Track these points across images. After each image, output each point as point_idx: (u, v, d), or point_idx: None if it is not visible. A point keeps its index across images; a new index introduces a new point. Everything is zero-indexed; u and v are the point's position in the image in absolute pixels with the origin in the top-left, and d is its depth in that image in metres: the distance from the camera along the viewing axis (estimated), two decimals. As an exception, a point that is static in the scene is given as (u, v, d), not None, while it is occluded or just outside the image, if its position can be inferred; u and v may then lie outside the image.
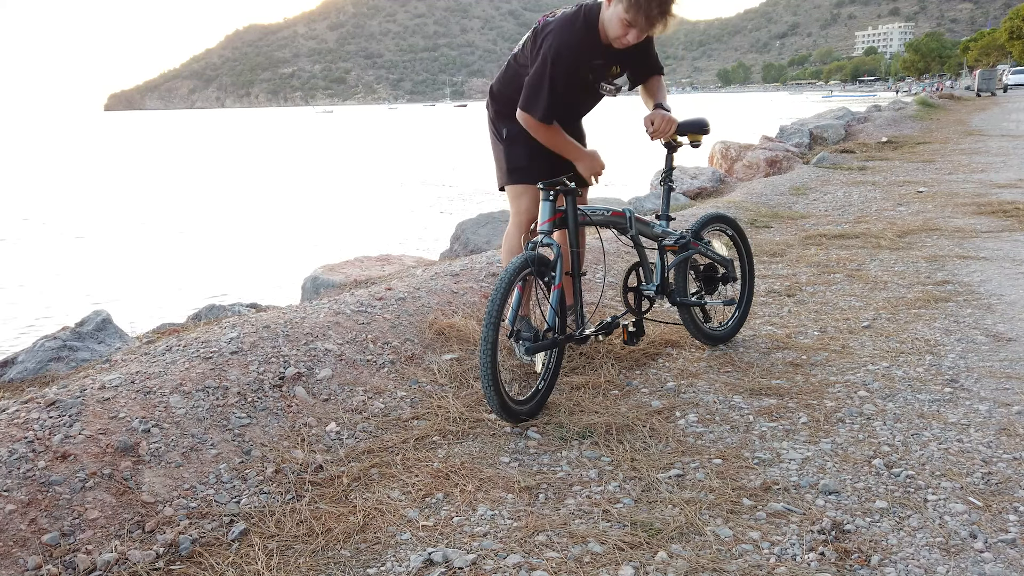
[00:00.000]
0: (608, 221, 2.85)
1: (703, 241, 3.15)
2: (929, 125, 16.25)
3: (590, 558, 1.80)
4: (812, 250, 5.07)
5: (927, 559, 1.76)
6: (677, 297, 3.05)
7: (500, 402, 2.40)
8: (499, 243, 5.23)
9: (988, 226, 5.58)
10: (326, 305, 3.26)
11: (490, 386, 2.36)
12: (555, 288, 2.57)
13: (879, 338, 3.29)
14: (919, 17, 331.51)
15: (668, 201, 3.12)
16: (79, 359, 2.96)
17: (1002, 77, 42.71)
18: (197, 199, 20.26)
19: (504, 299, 2.38)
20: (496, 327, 2.34)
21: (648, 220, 3.01)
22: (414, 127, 74.39)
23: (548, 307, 2.61)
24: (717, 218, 3.30)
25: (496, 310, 2.35)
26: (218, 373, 2.54)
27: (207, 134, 76.80)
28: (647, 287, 2.98)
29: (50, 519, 1.87)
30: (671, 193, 3.15)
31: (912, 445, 2.32)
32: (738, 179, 9.49)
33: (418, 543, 1.89)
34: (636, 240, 2.93)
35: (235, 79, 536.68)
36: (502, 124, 2.95)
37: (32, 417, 2.15)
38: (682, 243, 3.02)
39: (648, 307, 3.02)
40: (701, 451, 2.32)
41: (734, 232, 3.35)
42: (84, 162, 37.76)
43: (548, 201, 2.61)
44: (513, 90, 2.83)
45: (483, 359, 2.34)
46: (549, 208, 2.62)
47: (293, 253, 11.92)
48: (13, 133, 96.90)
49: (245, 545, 1.89)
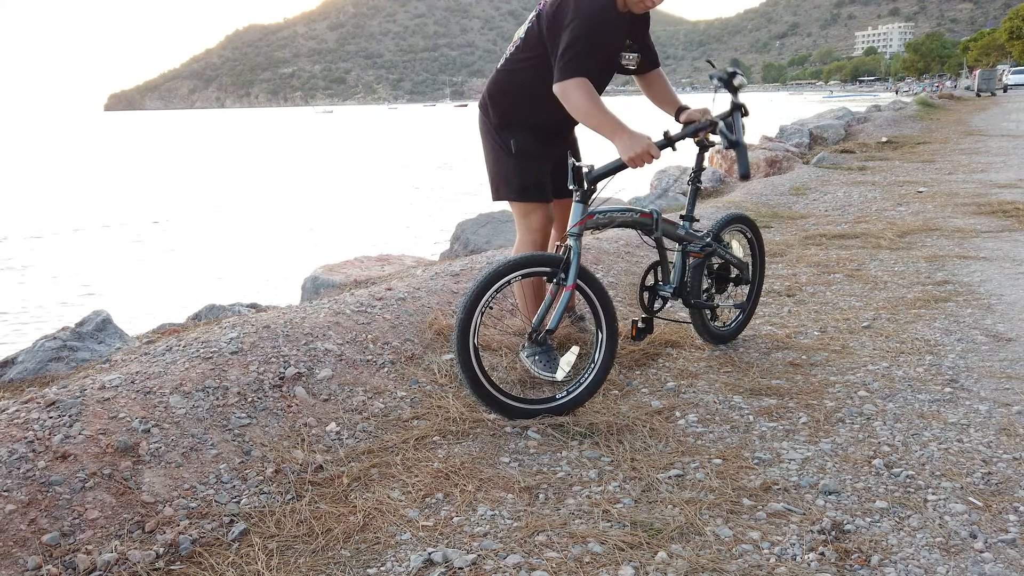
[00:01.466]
0: (635, 222, 2.83)
1: (722, 243, 3.15)
2: (929, 125, 16.25)
3: (590, 558, 1.80)
4: (812, 250, 5.07)
5: (927, 559, 1.76)
6: (692, 300, 3.04)
7: (474, 384, 2.45)
8: (499, 243, 5.23)
9: (988, 226, 5.58)
10: (326, 305, 3.26)
11: (466, 371, 2.43)
12: (566, 289, 2.54)
13: (879, 338, 3.29)
14: (919, 17, 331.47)
15: (694, 201, 3.10)
16: (79, 359, 2.96)
17: (1002, 77, 42.72)
18: (197, 199, 20.25)
19: (486, 288, 2.43)
20: (471, 311, 2.40)
21: (674, 221, 2.98)
22: (415, 127, 74.38)
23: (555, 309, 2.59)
24: (738, 219, 3.29)
25: (474, 294, 2.41)
26: (218, 373, 2.54)
27: (207, 134, 76.77)
28: (664, 288, 2.98)
29: (50, 519, 1.87)
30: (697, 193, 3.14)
31: (912, 445, 2.32)
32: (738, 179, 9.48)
33: (418, 543, 1.89)
34: (659, 241, 2.92)
35: (235, 79, 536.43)
36: (509, 135, 2.86)
37: (32, 417, 2.15)
38: (707, 251, 3.00)
39: (661, 307, 3.02)
40: (701, 451, 2.32)
41: (752, 235, 3.35)
42: (84, 162, 37.76)
43: (579, 203, 2.58)
44: (516, 89, 2.80)
45: (458, 341, 2.41)
46: (580, 210, 2.58)
47: (293, 253, 11.92)
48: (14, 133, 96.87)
49: (245, 545, 1.89)
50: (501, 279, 2.45)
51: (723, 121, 2.81)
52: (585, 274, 2.58)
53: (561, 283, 2.54)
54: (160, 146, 54.38)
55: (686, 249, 3.00)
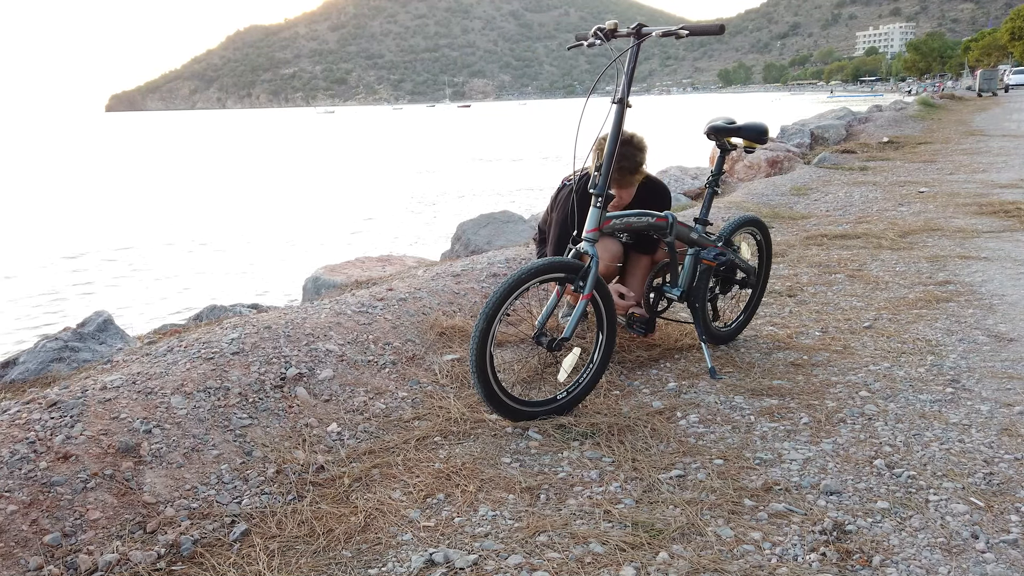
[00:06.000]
0: (651, 226, 2.83)
1: (732, 246, 3.15)
2: (930, 125, 16.24)
3: (591, 558, 1.80)
4: (813, 250, 5.06)
5: (929, 559, 1.76)
6: (696, 304, 3.04)
7: (488, 391, 2.43)
8: (500, 243, 5.23)
9: (989, 226, 5.57)
10: (327, 306, 3.26)
11: (478, 373, 2.40)
12: (583, 298, 2.53)
13: (880, 338, 3.29)
14: (920, 17, 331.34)
15: (710, 204, 3.09)
16: (80, 360, 2.96)
17: (1003, 77, 42.74)
18: (198, 200, 20.27)
19: (507, 296, 2.39)
20: (491, 318, 2.37)
21: (688, 225, 2.98)
22: (418, 128, 74.40)
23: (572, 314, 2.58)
24: (749, 221, 3.29)
25: (496, 301, 2.38)
26: (219, 374, 2.54)
27: (208, 135, 76.83)
28: (671, 291, 2.98)
29: (52, 520, 1.87)
30: (714, 197, 3.13)
31: (914, 445, 2.31)
32: (739, 179, 9.48)
33: (419, 543, 1.89)
34: (671, 245, 2.92)
35: (236, 80, 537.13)
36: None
37: (34, 418, 2.15)
38: (721, 260, 2.99)
39: (665, 307, 3.02)
40: (702, 451, 2.32)
41: (762, 238, 3.35)
42: (85, 163, 37.79)
43: (597, 208, 2.57)
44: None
45: (474, 345, 2.39)
46: (597, 216, 2.56)
47: (294, 254, 11.93)
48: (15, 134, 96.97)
49: (246, 546, 1.89)
50: (522, 286, 2.43)
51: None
52: (597, 280, 2.58)
53: (579, 291, 2.53)
54: (162, 147, 54.42)
55: (699, 256, 3.00)
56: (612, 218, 2.65)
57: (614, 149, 2.53)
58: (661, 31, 2.57)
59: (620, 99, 2.53)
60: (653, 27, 2.61)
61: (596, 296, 2.59)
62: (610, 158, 2.53)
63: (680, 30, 2.56)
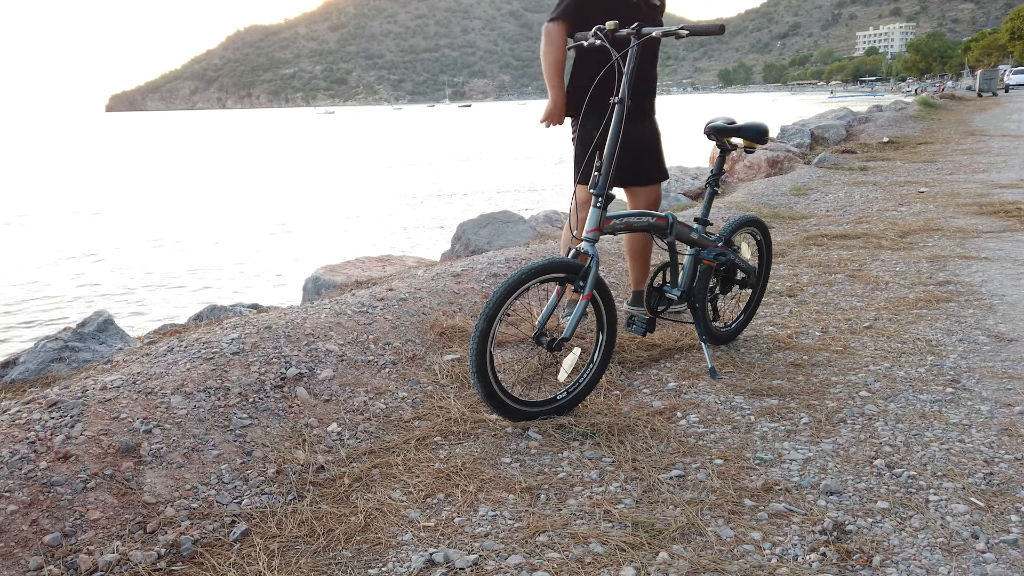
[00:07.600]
0: (651, 226, 2.83)
1: (732, 246, 3.15)
2: (930, 125, 16.24)
3: (591, 559, 1.80)
4: (813, 250, 5.06)
5: (929, 560, 1.76)
6: (696, 304, 3.04)
7: (487, 391, 2.43)
8: (500, 243, 5.23)
9: (990, 226, 5.57)
10: (327, 306, 3.26)
11: (478, 372, 2.39)
12: (584, 298, 2.52)
13: (880, 338, 3.29)
14: (920, 17, 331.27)
15: (710, 204, 3.08)
16: (80, 360, 2.96)
17: (1003, 77, 42.73)
18: (198, 200, 20.27)
19: (508, 295, 2.39)
20: (491, 318, 2.36)
21: (688, 225, 2.98)
22: (419, 128, 74.40)
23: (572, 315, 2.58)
24: (749, 221, 3.28)
25: (496, 300, 2.37)
26: (219, 374, 2.54)
27: (208, 135, 76.82)
28: (671, 291, 2.98)
29: (52, 520, 1.87)
30: (714, 197, 3.12)
31: (914, 445, 2.31)
32: (739, 179, 9.48)
33: (419, 543, 1.89)
34: (672, 245, 2.92)
35: (236, 80, 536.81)
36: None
37: (34, 418, 2.15)
38: (721, 260, 2.99)
39: (665, 308, 3.02)
40: (702, 451, 2.32)
41: (763, 238, 3.35)
42: (86, 163, 37.79)
43: (597, 208, 2.56)
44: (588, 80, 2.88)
45: (473, 344, 2.38)
46: (597, 216, 2.56)
47: (294, 254, 11.94)
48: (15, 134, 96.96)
49: (246, 546, 1.89)
50: (522, 287, 2.43)
51: None
52: (597, 279, 2.58)
53: (579, 291, 2.52)
54: (162, 147, 54.42)
55: (700, 256, 3.00)
56: (612, 218, 2.65)
57: (614, 149, 2.53)
58: (661, 31, 2.57)
59: (620, 99, 2.54)
60: (653, 27, 2.61)
61: (596, 296, 2.59)
62: (610, 158, 2.53)
63: (680, 30, 2.56)
